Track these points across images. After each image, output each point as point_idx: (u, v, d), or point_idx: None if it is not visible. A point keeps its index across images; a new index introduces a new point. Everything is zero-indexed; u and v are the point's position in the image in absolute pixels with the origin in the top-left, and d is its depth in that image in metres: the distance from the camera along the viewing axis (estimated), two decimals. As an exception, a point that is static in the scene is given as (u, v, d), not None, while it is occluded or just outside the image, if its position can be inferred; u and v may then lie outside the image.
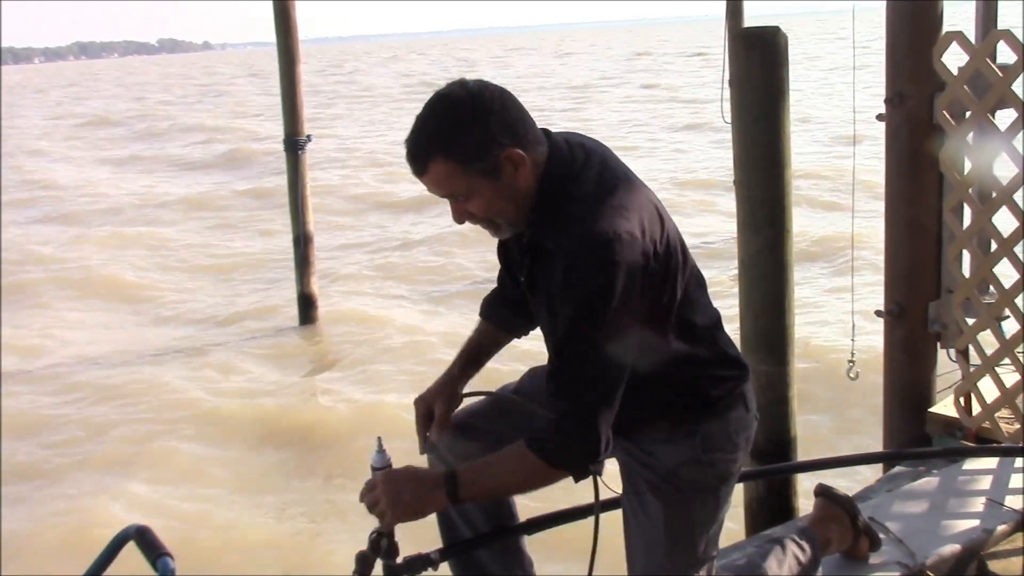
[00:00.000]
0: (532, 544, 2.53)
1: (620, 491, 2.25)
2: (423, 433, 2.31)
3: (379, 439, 2.26)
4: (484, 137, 1.92)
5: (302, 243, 8.80)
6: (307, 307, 8.96)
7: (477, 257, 11.02)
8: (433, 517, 2.40)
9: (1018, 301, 3.58)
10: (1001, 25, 3.86)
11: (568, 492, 2.13)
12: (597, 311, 1.89)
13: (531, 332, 2.43)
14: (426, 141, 1.93)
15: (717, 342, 2.19)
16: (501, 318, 2.43)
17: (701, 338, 2.15)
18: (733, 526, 3.77)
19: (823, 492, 2.80)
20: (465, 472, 2.03)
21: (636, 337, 1.97)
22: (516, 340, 2.48)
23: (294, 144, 8.53)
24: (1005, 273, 3.59)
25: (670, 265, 2.02)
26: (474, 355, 2.40)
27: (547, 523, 2.50)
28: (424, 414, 2.32)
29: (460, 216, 2.02)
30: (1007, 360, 3.63)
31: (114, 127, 32.97)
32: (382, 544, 2.22)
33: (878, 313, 3.88)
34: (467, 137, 1.91)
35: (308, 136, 8.61)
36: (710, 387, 2.15)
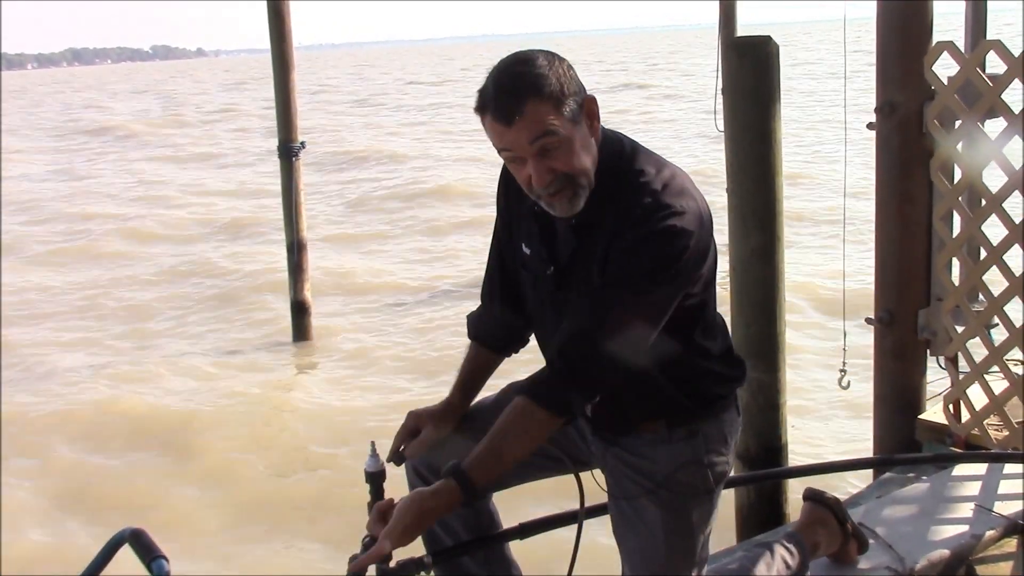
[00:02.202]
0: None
1: (606, 495, 2.27)
2: (399, 444, 2.30)
3: (372, 443, 2.27)
4: (569, 81, 1.94)
5: (295, 251, 8.77)
6: (300, 315, 8.94)
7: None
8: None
9: (1007, 309, 3.60)
10: (989, 34, 3.89)
11: (559, 497, 2.13)
12: (656, 276, 1.92)
13: (520, 350, 2.44)
14: (519, 84, 1.90)
15: (727, 336, 2.24)
16: (491, 337, 2.42)
17: (716, 330, 2.19)
18: (724, 532, 3.80)
19: (811, 496, 2.82)
20: (470, 464, 1.98)
21: (668, 315, 1.99)
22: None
23: (288, 151, 8.51)
24: (994, 281, 3.62)
25: (715, 245, 2.07)
26: (470, 383, 2.39)
27: (538, 528, 2.51)
28: (410, 428, 2.31)
29: (543, 174, 1.92)
30: (996, 367, 3.65)
31: None
32: (375, 548, 2.23)
33: (868, 320, 3.90)
34: (556, 80, 1.91)
35: (302, 143, 8.59)
36: (713, 384, 2.18)
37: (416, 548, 2.34)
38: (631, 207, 1.95)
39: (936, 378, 3.96)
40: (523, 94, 1.88)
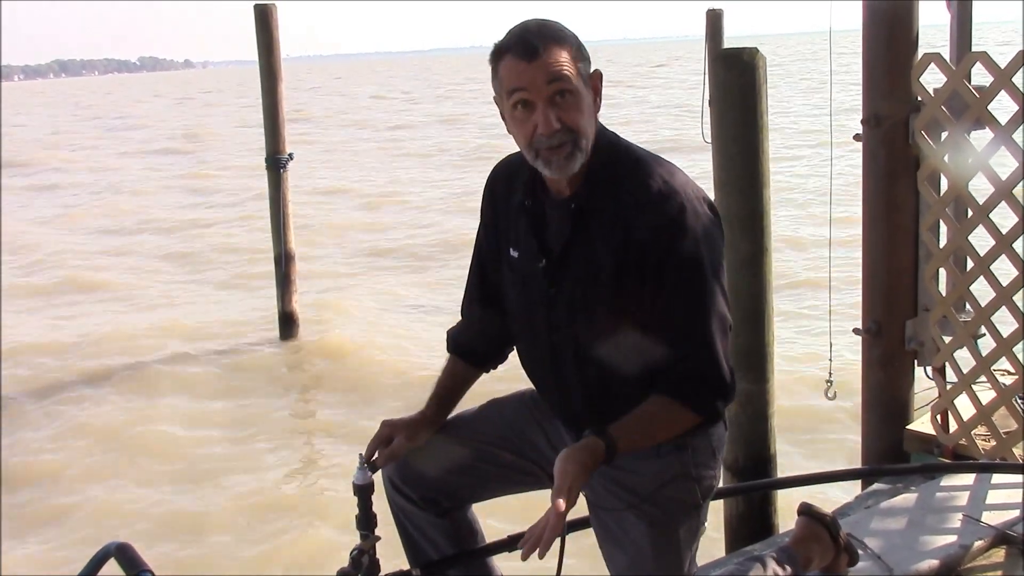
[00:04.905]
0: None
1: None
2: (372, 452, 2.27)
3: (361, 456, 2.26)
4: (584, 48, 2.01)
5: (283, 262, 8.77)
6: (288, 325, 8.93)
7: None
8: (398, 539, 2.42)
9: (994, 319, 3.61)
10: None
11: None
12: (706, 258, 1.98)
13: (499, 367, 2.43)
14: (548, 29, 1.97)
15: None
16: (471, 351, 2.40)
17: None
18: (713, 543, 3.79)
19: (806, 511, 2.81)
20: (617, 432, 2.00)
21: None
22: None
23: (276, 162, 8.52)
24: (981, 291, 3.63)
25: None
26: (446, 397, 2.38)
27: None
28: (384, 437, 2.28)
29: (552, 121, 1.94)
30: (983, 378, 3.66)
31: None
32: (363, 561, 2.22)
33: (856, 331, 3.91)
34: (576, 40, 2.00)
35: (290, 154, 8.60)
36: None
37: (388, 552, 2.34)
38: (639, 193, 1.98)
39: (924, 388, 3.97)
40: (549, 37, 1.95)
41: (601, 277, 2.02)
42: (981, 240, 3.57)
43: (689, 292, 1.99)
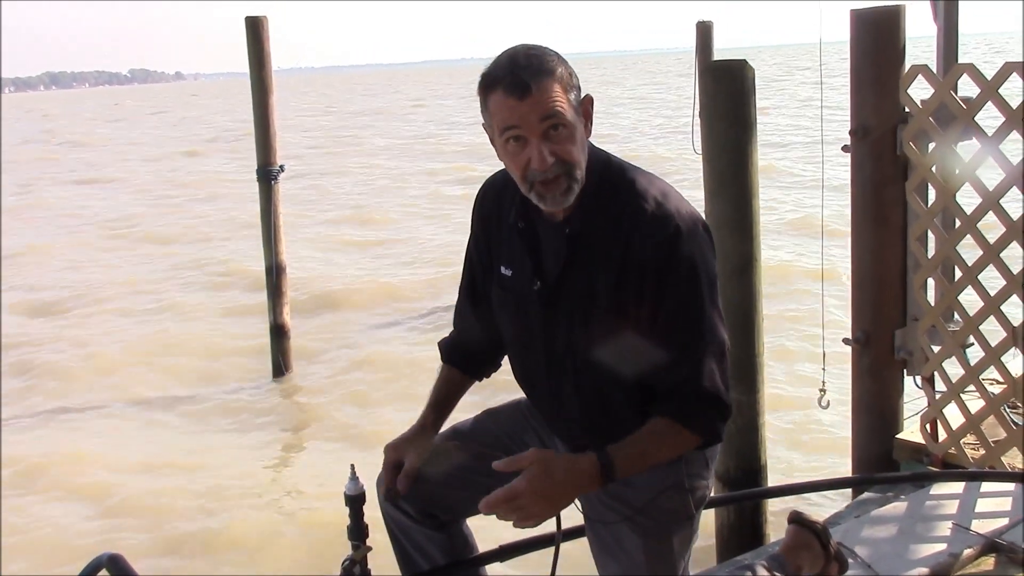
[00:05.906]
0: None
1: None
2: (391, 481, 2.23)
3: (352, 467, 2.26)
4: (574, 76, 1.99)
5: (274, 273, 8.75)
6: (280, 338, 8.91)
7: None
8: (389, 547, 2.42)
9: (983, 328, 3.64)
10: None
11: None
12: (702, 279, 1.99)
13: (492, 375, 2.45)
14: (538, 61, 1.93)
15: None
16: (465, 361, 2.41)
17: None
18: (704, 552, 3.80)
19: (796, 519, 2.82)
20: (615, 452, 1.97)
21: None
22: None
23: (267, 174, 8.50)
24: (970, 301, 3.65)
25: None
26: (442, 405, 2.38)
27: (518, 550, 2.50)
28: (393, 463, 2.25)
29: (546, 156, 1.92)
30: (972, 387, 3.68)
31: None
32: (355, 572, 2.22)
33: (845, 341, 3.93)
34: (565, 69, 1.96)
35: (281, 166, 8.59)
36: None
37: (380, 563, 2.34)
38: (635, 215, 1.97)
39: (913, 397, 3.98)
40: (539, 71, 1.91)
41: (598, 298, 2.02)
42: (969, 250, 3.59)
43: (686, 312, 2.00)
